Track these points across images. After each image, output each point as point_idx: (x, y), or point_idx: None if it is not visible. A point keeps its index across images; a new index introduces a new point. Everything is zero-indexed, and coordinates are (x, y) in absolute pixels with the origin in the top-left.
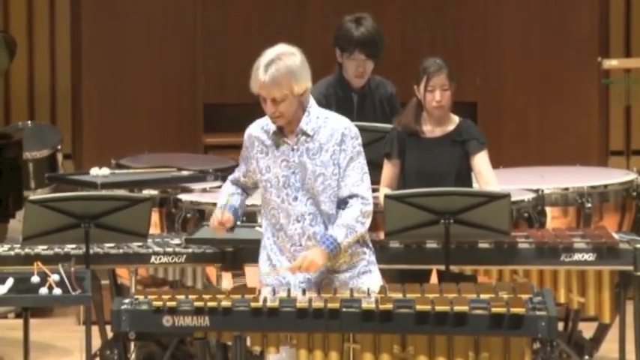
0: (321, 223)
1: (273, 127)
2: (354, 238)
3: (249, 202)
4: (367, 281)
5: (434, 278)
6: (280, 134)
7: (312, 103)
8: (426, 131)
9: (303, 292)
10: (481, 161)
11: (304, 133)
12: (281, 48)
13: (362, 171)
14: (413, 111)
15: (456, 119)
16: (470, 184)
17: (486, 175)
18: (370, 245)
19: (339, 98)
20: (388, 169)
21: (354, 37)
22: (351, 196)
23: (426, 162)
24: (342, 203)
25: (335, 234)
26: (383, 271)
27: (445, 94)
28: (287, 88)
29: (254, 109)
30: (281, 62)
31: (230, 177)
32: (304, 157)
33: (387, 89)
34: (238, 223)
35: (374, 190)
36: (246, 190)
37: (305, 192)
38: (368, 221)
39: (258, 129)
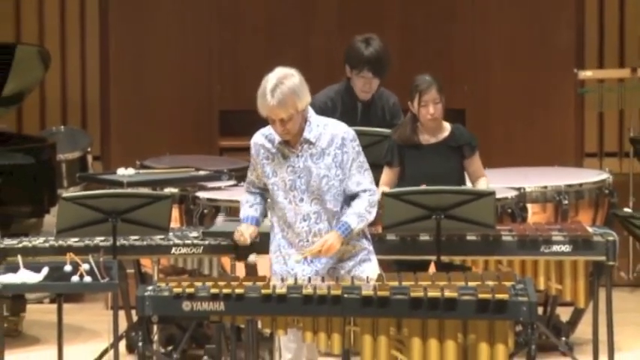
0: (325, 220)
1: (278, 138)
2: (364, 225)
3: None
4: (367, 268)
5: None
6: (285, 144)
7: (311, 112)
8: (422, 140)
9: (309, 279)
10: (473, 163)
11: (307, 142)
12: (280, 72)
13: (364, 167)
14: (409, 125)
15: (448, 126)
16: (464, 184)
17: (476, 170)
18: (369, 237)
19: (345, 105)
20: (387, 175)
21: (364, 57)
22: (359, 190)
23: (426, 167)
24: (352, 197)
25: (349, 220)
26: (380, 261)
27: (437, 106)
28: (292, 108)
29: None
30: (284, 86)
31: (245, 187)
32: (308, 162)
33: (389, 99)
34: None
35: None
36: (264, 191)
37: (310, 194)
38: (375, 210)
39: (262, 138)
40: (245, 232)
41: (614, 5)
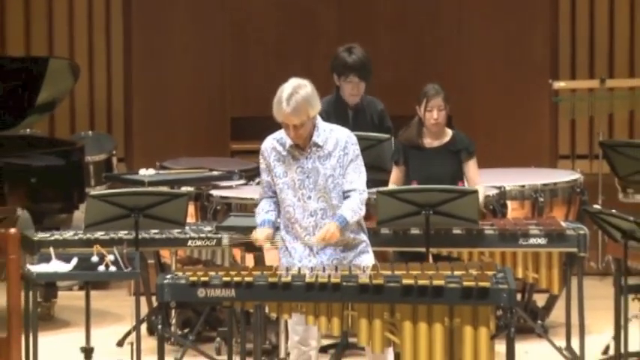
0: (331, 216)
1: (289, 141)
2: (357, 219)
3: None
4: (365, 259)
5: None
6: (296, 147)
7: (318, 119)
8: (426, 143)
9: (311, 269)
10: (469, 166)
11: (316, 145)
12: (295, 82)
13: (360, 169)
14: (415, 127)
15: (449, 132)
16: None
17: (473, 177)
18: (366, 231)
19: (338, 114)
20: (395, 173)
21: (349, 64)
22: (351, 189)
23: (428, 168)
24: (344, 194)
25: (345, 214)
26: (375, 253)
27: (441, 113)
28: (305, 115)
29: (271, 122)
30: (298, 95)
31: (262, 192)
32: (316, 163)
33: (376, 106)
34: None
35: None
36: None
37: (317, 192)
38: (364, 207)
39: (274, 141)
40: (260, 236)
41: (584, 22)
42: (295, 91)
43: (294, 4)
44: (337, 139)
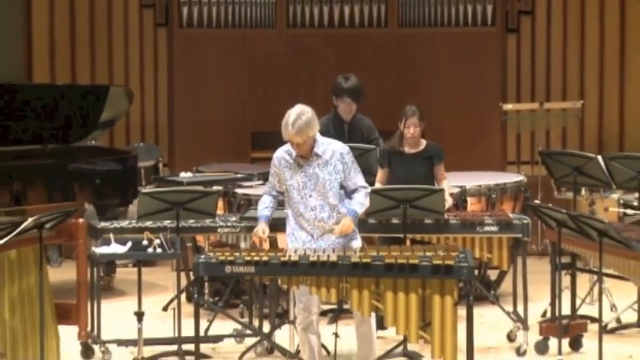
0: (327, 211)
1: (294, 153)
2: (363, 210)
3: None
4: (355, 244)
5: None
6: (301, 157)
7: (318, 135)
8: (406, 150)
9: (314, 251)
10: (439, 169)
11: (316, 155)
12: (298, 109)
13: (358, 171)
14: (397, 138)
15: (424, 142)
16: (433, 184)
17: (441, 178)
18: (356, 222)
19: (336, 128)
20: (381, 174)
21: (344, 88)
22: (357, 187)
23: (407, 170)
24: (352, 192)
25: (355, 208)
26: (364, 238)
27: (416, 129)
28: (306, 136)
29: (281, 136)
30: (301, 120)
31: (267, 189)
32: (316, 169)
33: (366, 122)
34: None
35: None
36: (279, 194)
37: (316, 192)
38: (368, 199)
39: (284, 152)
40: (256, 234)
41: (527, 58)
42: (298, 117)
43: (301, 42)
44: (334, 151)
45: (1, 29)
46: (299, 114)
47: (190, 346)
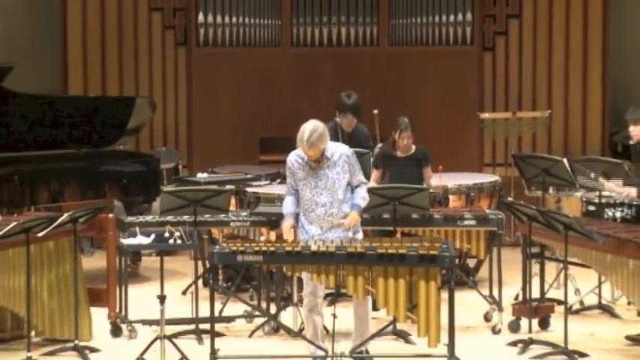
0: (336, 207)
1: (305, 157)
2: (366, 203)
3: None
4: (359, 235)
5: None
6: (312, 161)
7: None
8: (398, 154)
9: (315, 242)
10: (427, 171)
11: (326, 158)
12: (312, 126)
13: (359, 169)
14: (391, 143)
15: (414, 147)
16: (422, 184)
17: (429, 178)
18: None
19: (336, 135)
20: (375, 175)
21: (347, 105)
22: (360, 183)
23: (399, 171)
24: (356, 187)
25: (359, 202)
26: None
27: (409, 141)
28: (318, 149)
29: (287, 141)
30: (314, 136)
31: (287, 190)
32: (326, 170)
33: (363, 130)
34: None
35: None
36: (297, 191)
37: (327, 190)
38: (367, 194)
39: (296, 156)
40: (290, 232)
41: (502, 72)
42: (312, 134)
43: (303, 59)
44: (341, 153)
45: (42, 47)
46: (312, 130)
47: (206, 326)
